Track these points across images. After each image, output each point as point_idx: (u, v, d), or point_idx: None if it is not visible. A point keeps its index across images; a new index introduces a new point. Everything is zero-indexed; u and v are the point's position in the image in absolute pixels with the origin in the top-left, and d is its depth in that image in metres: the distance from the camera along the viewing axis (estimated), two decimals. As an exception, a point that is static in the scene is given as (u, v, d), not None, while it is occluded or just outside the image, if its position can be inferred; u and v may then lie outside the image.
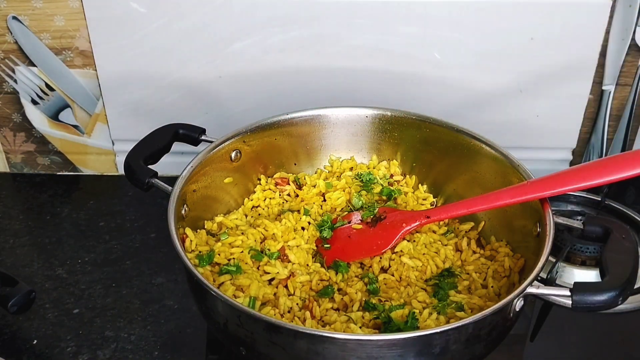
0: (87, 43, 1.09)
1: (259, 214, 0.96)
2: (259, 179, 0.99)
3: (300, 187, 0.99)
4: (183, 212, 0.86)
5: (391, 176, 1.01)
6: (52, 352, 0.88)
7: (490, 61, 1.08)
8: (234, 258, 0.86)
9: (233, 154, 0.94)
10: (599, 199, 1.09)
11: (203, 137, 0.93)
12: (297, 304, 0.82)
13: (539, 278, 0.81)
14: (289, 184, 0.99)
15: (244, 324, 0.72)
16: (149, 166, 0.87)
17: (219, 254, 0.85)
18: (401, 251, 0.88)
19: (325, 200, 0.98)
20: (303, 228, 0.92)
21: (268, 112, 0.97)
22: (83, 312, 0.94)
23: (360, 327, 0.78)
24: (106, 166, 1.22)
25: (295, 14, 1.05)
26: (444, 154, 0.97)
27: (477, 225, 0.94)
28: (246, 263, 0.85)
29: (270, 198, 0.97)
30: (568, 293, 0.69)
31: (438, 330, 0.68)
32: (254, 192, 0.98)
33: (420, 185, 1.00)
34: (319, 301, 0.83)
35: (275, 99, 1.12)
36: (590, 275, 0.96)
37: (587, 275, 0.97)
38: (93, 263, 1.03)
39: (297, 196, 0.98)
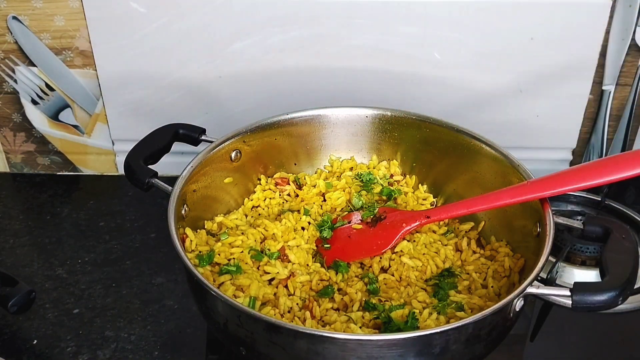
0: (87, 43, 1.09)
1: (259, 214, 0.96)
2: (259, 179, 0.99)
3: (300, 187, 0.99)
4: (183, 212, 0.86)
5: (391, 176, 1.00)
6: (52, 352, 0.88)
7: (490, 61, 1.08)
8: (234, 258, 0.85)
9: (233, 154, 0.94)
10: (599, 199, 1.09)
11: (203, 137, 0.93)
12: (297, 304, 0.82)
13: (539, 278, 0.81)
14: (289, 184, 0.99)
15: (244, 324, 0.72)
16: (149, 166, 0.87)
17: (219, 254, 0.85)
18: (401, 251, 0.88)
19: (325, 200, 0.98)
20: (303, 228, 0.92)
21: (268, 112, 0.97)
22: (83, 312, 0.94)
23: (360, 327, 0.78)
24: (106, 166, 1.22)
25: (295, 14, 1.05)
26: (444, 154, 0.97)
27: (477, 225, 0.94)
28: (246, 263, 0.85)
29: (270, 198, 0.97)
30: (568, 293, 0.69)
31: (438, 330, 0.68)
32: (254, 192, 0.98)
33: (420, 185, 1.00)
34: (319, 301, 0.83)
35: (275, 99, 1.12)
36: (590, 275, 0.96)
37: (587, 275, 0.97)
38: (93, 263, 1.03)
39: (297, 196, 0.98)
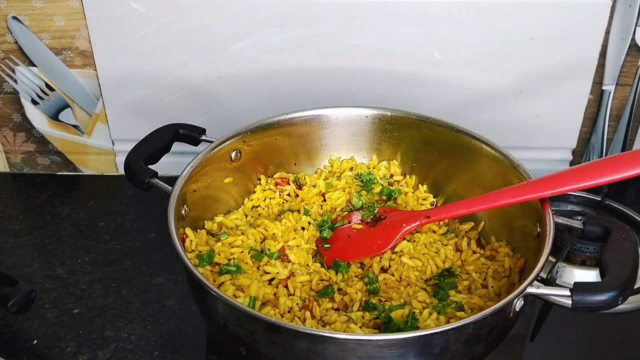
0: (87, 43, 1.09)
1: (259, 214, 0.96)
2: (259, 179, 0.99)
3: (300, 187, 0.99)
4: (183, 212, 0.86)
5: (391, 176, 1.00)
6: (52, 352, 0.88)
7: (490, 61, 1.08)
8: (234, 258, 0.85)
9: (233, 154, 0.94)
10: (599, 199, 1.09)
11: (203, 137, 0.93)
12: (297, 304, 0.82)
13: (539, 278, 0.81)
14: (289, 184, 0.99)
15: (244, 324, 0.72)
16: (149, 166, 0.87)
17: (219, 254, 0.85)
18: (401, 251, 0.88)
19: (325, 200, 0.98)
20: (303, 228, 0.92)
21: (268, 112, 0.97)
22: (83, 312, 0.94)
23: (360, 327, 0.78)
24: (106, 166, 1.22)
25: (295, 14, 1.05)
26: (444, 154, 0.97)
27: (477, 225, 0.94)
28: (246, 263, 0.85)
29: (270, 198, 0.97)
30: (568, 293, 0.69)
31: (438, 330, 0.68)
32: (254, 192, 0.98)
33: (420, 185, 1.00)
34: (319, 301, 0.83)
35: (275, 99, 1.12)
36: (590, 275, 0.96)
37: (587, 275, 0.97)
38: (93, 263, 1.03)
39: (297, 196, 0.98)
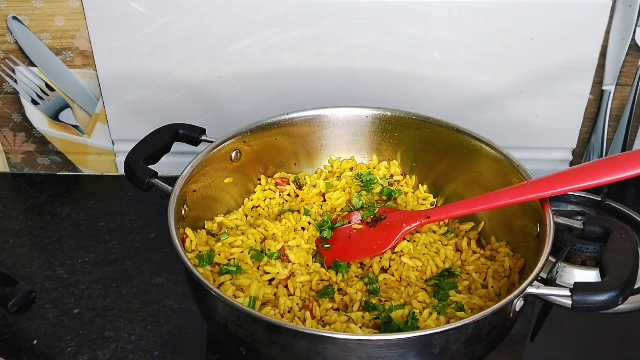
0: (87, 43, 1.09)
1: (259, 214, 0.96)
2: (259, 179, 0.99)
3: (300, 187, 0.99)
4: (183, 212, 0.86)
5: (391, 176, 1.00)
6: (52, 352, 0.88)
7: (490, 61, 1.08)
8: (234, 258, 0.85)
9: (233, 154, 0.94)
10: (599, 199, 1.09)
11: (203, 137, 0.93)
12: (297, 304, 0.82)
13: (539, 278, 0.81)
14: (289, 184, 0.99)
15: (244, 324, 0.72)
16: (149, 166, 0.87)
17: (219, 254, 0.85)
18: (401, 251, 0.88)
19: (325, 200, 0.98)
20: (303, 228, 0.92)
21: (268, 112, 0.97)
22: (83, 312, 0.94)
23: (360, 327, 0.77)
24: (106, 166, 1.22)
25: (295, 14, 1.05)
26: (444, 154, 0.97)
27: (477, 225, 0.94)
28: (246, 263, 0.85)
29: (270, 198, 0.97)
30: (568, 293, 0.69)
31: (438, 330, 0.68)
32: (254, 192, 0.98)
33: (420, 185, 1.00)
34: (319, 301, 0.83)
35: (275, 99, 1.12)
36: (590, 275, 0.96)
37: (587, 275, 0.97)
38: (93, 263, 1.03)
39: (297, 196, 0.98)
